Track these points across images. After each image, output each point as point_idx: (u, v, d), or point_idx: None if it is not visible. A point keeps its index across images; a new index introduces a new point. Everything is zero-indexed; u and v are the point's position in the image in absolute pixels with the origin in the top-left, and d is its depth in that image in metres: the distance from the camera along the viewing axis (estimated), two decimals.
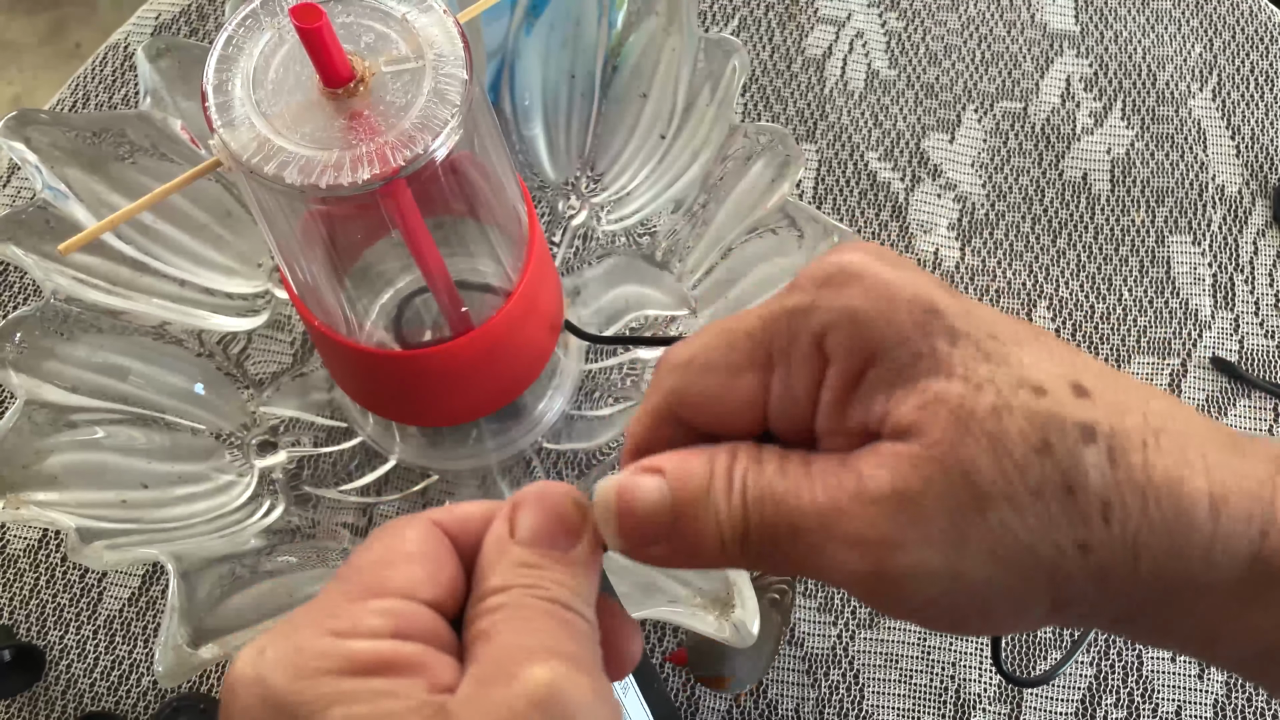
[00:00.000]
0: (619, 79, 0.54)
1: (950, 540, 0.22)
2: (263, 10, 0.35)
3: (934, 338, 0.23)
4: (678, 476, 0.25)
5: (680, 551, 0.25)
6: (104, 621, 0.53)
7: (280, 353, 0.54)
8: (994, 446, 0.22)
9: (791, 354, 0.24)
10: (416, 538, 0.24)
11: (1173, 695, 0.52)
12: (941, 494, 0.22)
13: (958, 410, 0.22)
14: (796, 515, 0.23)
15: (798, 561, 0.24)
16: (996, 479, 0.22)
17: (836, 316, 0.23)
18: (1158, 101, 0.64)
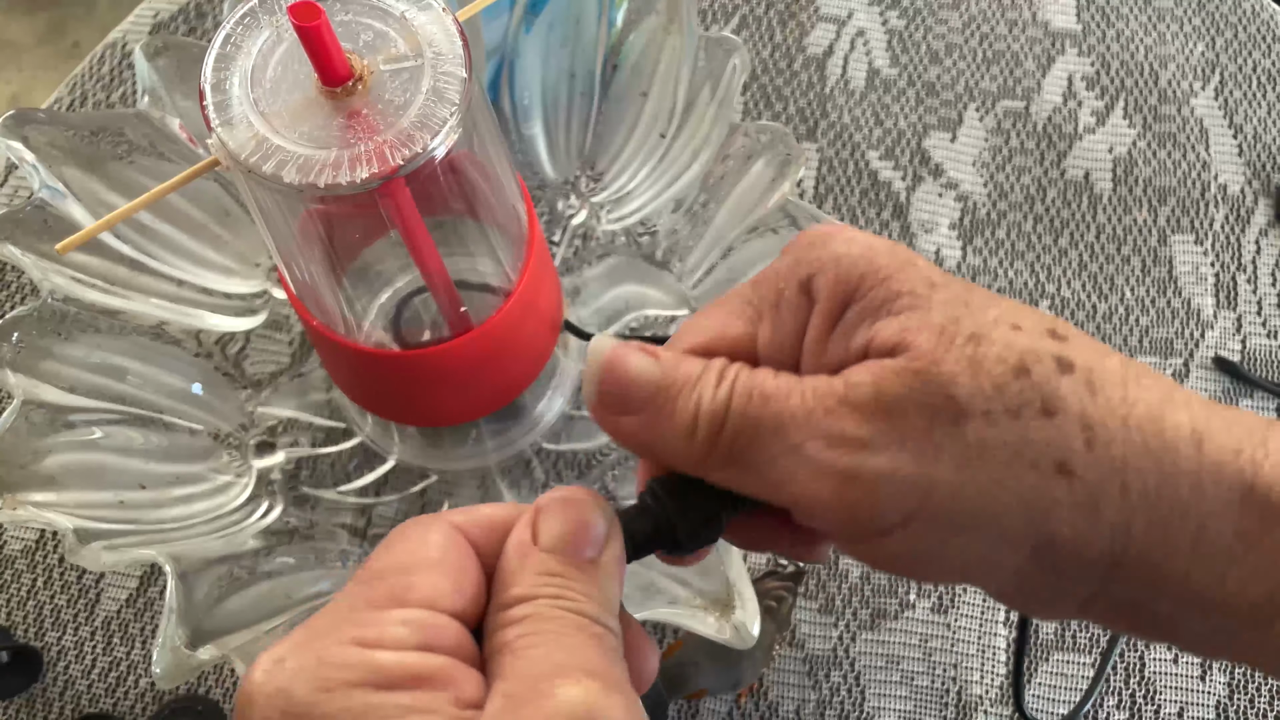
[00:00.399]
0: (619, 78, 0.54)
1: (926, 449, 0.23)
2: (261, 8, 0.35)
3: (914, 282, 0.24)
4: (672, 361, 0.26)
5: (650, 426, 0.25)
6: (102, 622, 0.53)
7: (278, 353, 0.54)
8: (972, 366, 0.23)
9: (780, 304, 0.26)
10: (440, 543, 0.24)
11: (1175, 696, 0.52)
12: (920, 403, 0.23)
13: (938, 335, 0.23)
14: (779, 410, 0.24)
15: (769, 461, 0.24)
16: (974, 394, 0.23)
17: (822, 262, 0.25)
18: (1160, 100, 0.64)
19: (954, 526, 0.23)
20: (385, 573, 0.23)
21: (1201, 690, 0.52)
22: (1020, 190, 0.62)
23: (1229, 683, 0.52)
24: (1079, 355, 0.23)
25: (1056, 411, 0.22)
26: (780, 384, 0.24)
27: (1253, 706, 0.51)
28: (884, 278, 0.24)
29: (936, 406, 0.23)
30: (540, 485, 0.50)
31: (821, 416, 0.23)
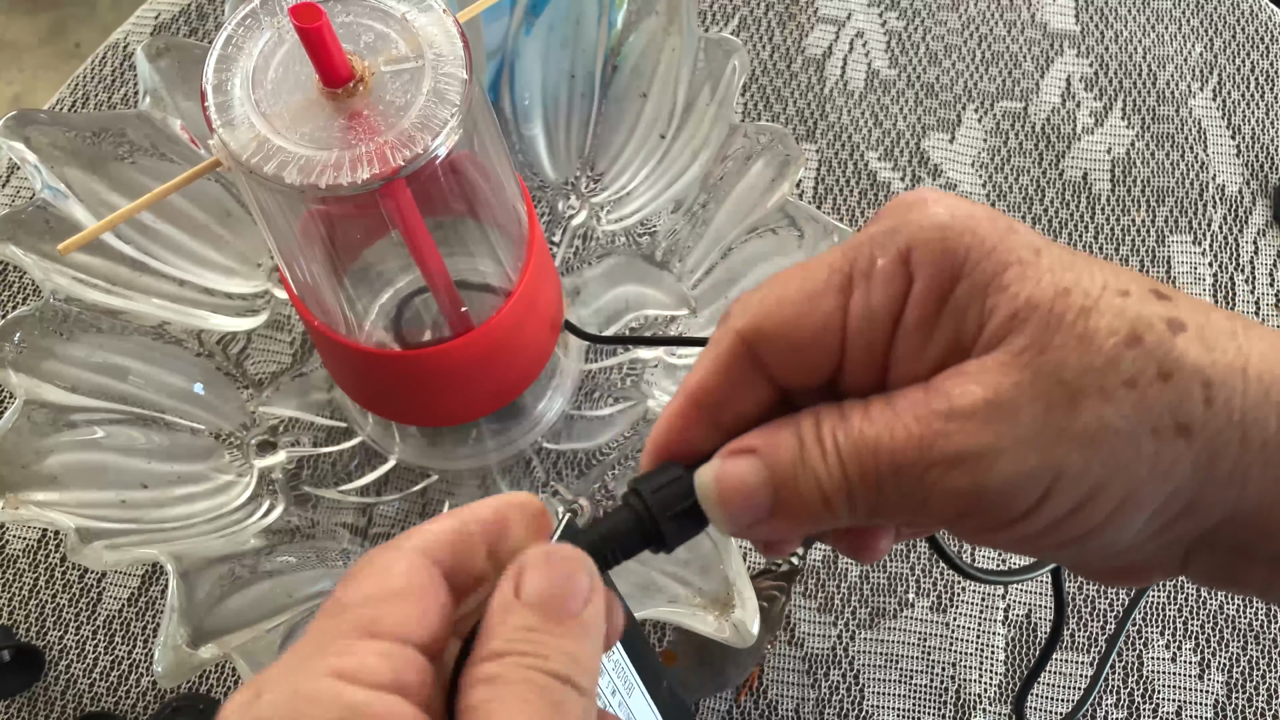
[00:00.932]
0: (619, 79, 0.54)
1: (1047, 437, 0.22)
2: (262, 10, 0.35)
3: (1019, 250, 0.23)
4: (769, 451, 0.25)
5: (789, 523, 0.25)
6: (103, 622, 0.53)
7: (280, 352, 0.54)
8: (1082, 344, 0.22)
9: (874, 274, 0.24)
10: (404, 571, 0.24)
11: (1173, 695, 0.52)
12: (1033, 396, 0.22)
13: (1047, 315, 0.22)
14: (892, 454, 0.23)
15: (902, 500, 0.24)
16: (1086, 373, 0.22)
17: (924, 231, 0.24)
18: (1158, 101, 0.64)
19: (1080, 500, 0.23)
20: (353, 605, 0.23)
21: (1200, 689, 0.52)
22: (1019, 191, 0.62)
23: (1227, 681, 0.52)
24: (1187, 314, 0.23)
25: (1173, 373, 0.22)
26: (879, 427, 0.23)
27: (1250, 705, 0.52)
28: (990, 248, 0.23)
29: (1052, 396, 0.22)
30: (540, 484, 0.51)
31: (932, 442, 0.23)
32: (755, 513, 0.25)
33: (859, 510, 0.24)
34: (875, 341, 0.24)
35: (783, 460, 0.24)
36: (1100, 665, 0.52)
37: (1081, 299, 0.22)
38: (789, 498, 0.24)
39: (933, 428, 0.23)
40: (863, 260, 0.24)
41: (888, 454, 0.23)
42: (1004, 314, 0.23)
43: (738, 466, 0.25)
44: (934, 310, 0.24)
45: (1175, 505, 0.23)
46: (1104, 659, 0.52)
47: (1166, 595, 0.54)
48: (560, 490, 0.50)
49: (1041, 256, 0.23)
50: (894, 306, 0.24)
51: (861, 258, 0.24)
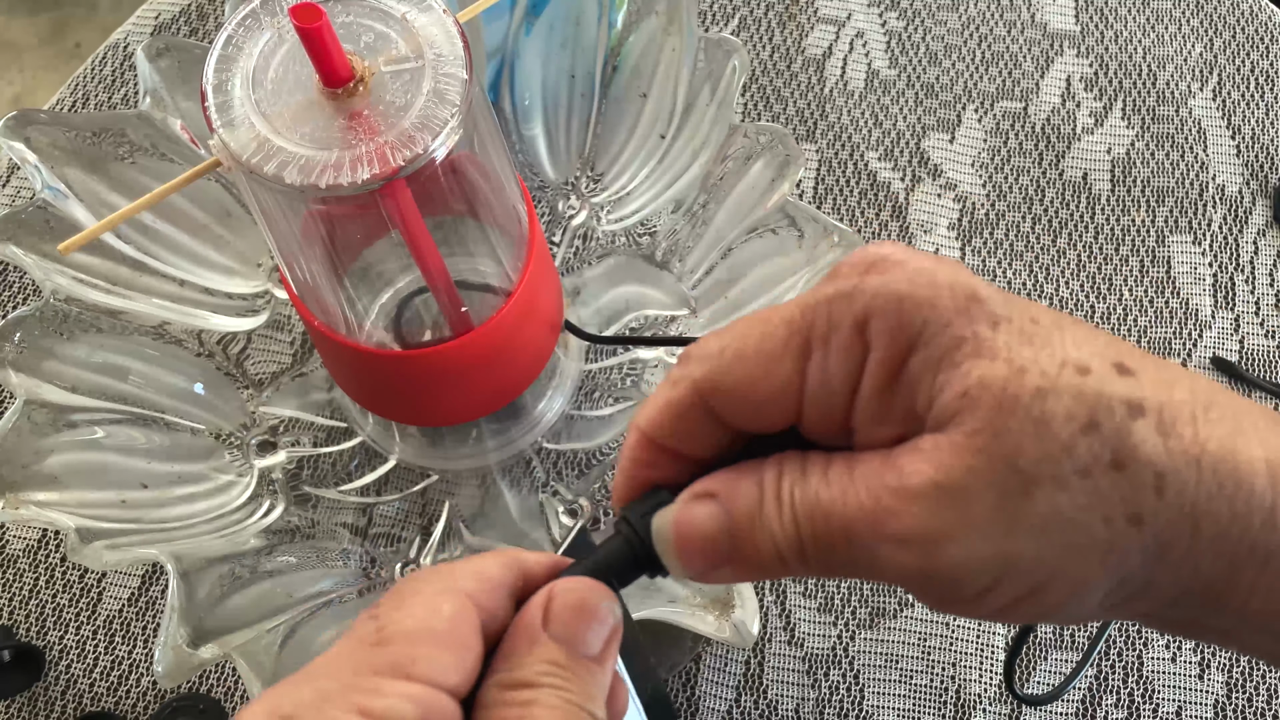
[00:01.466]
0: (619, 79, 0.54)
1: (998, 525, 0.22)
2: (262, 10, 0.35)
3: (976, 322, 0.23)
4: (729, 499, 0.25)
5: (742, 571, 0.25)
6: (104, 621, 0.53)
7: (280, 353, 0.54)
8: (1038, 430, 0.22)
9: (831, 340, 0.24)
10: (449, 614, 0.24)
11: (1173, 695, 0.52)
12: (987, 482, 0.22)
13: (1001, 395, 0.22)
14: (844, 521, 0.23)
15: (853, 564, 0.24)
16: (1042, 461, 0.22)
17: (881, 300, 0.23)
18: (1158, 101, 0.64)
19: (1032, 588, 0.23)
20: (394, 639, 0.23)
21: (1200, 689, 0.52)
22: (1019, 191, 0.62)
23: (1227, 681, 0.52)
24: (1149, 391, 0.22)
25: (1126, 464, 0.22)
26: (835, 492, 0.23)
27: (1250, 705, 0.52)
28: (946, 323, 0.23)
29: (1006, 484, 0.22)
30: (540, 484, 0.51)
31: (883, 519, 0.23)
32: (712, 560, 0.25)
33: (811, 567, 0.24)
34: (834, 407, 0.24)
35: (741, 510, 0.25)
36: (1090, 647, 0.52)
37: (1038, 379, 0.22)
38: (745, 548, 0.25)
39: (883, 503, 0.23)
40: (820, 325, 0.24)
41: (840, 521, 0.23)
42: (955, 392, 0.22)
43: (697, 513, 0.25)
44: (888, 381, 0.23)
45: (1127, 589, 0.23)
46: (1093, 643, 0.52)
47: None
48: (560, 490, 0.50)
49: (999, 331, 0.23)
50: (851, 375, 0.24)
51: (819, 321, 0.24)
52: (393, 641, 0.23)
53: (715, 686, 0.52)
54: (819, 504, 0.24)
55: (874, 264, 0.24)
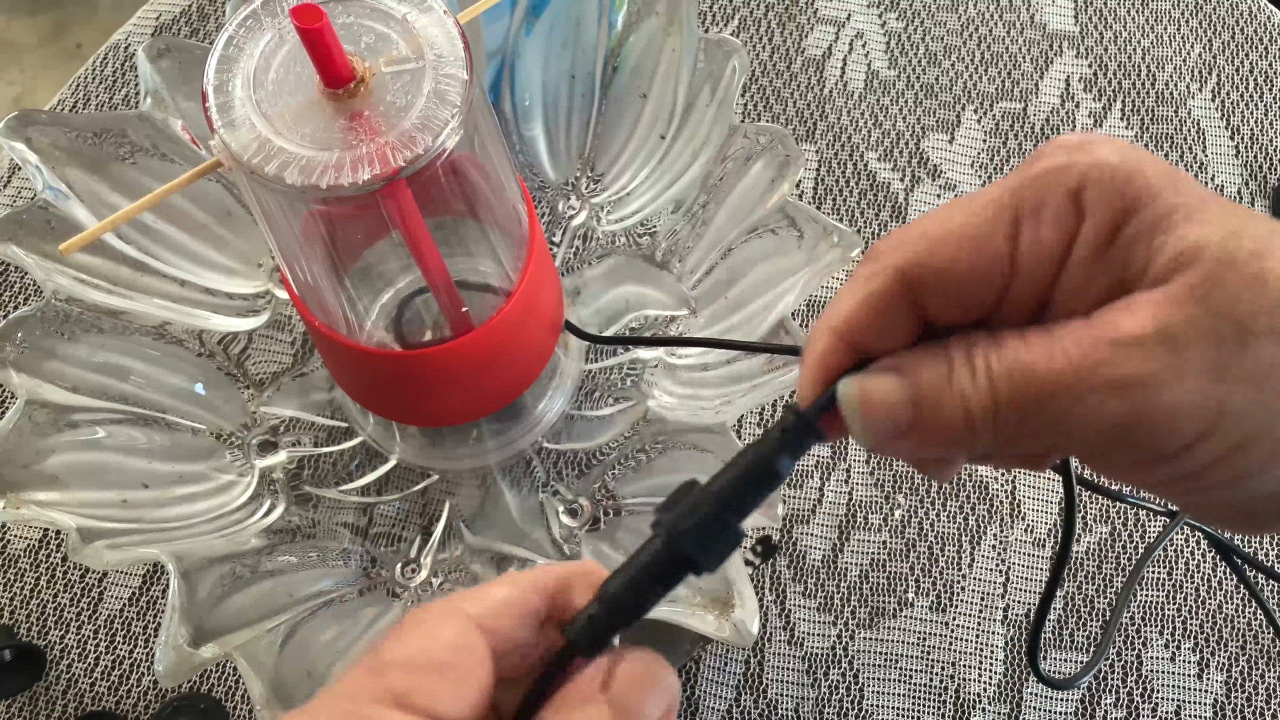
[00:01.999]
0: (619, 79, 0.54)
1: (1214, 373, 0.22)
2: (263, 11, 0.35)
3: (1186, 195, 0.23)
4: (914, 369, 0.25)
5: (929, 440, 0.25)
6: (104, 621, 0.53)
7: (281, 353, 0.54)
8: (1256, 285, 0.22)
9: (1044, 212, 0.24)
10: (450, 643, 0.24)
11: (1172, 695, 0.52)
12: (1203, 331, 0.22)
13: (1219, 253, 0.22)
14: (1050, 375, 0.23)
15: (1052, 425, 0.24)
16: (1260, 313, 0.22)
17: (1096, 171, 0.24)
18: (1157, 102, 0.64)
19: (1239, 442, 0.23)
20: (392, 666, 0.23)
21: (1199, 689, 0.52)
22: None
23: (1226, 681, 0.52)
24: None
25: None
26: (1037, 351, 0.23)
27: (1250, 705, 0.52)
28: (1158, 191, 0.23)
29: (1222, 332, 0.22)
30: (540, 484, 0.51)
31: (1094, 367, 0.23)
32: (894, 426, 0.25)
33: (1002, 433, 0.24)
34: (1041, 279, 0.24)
35: (928, 379, 0.25)
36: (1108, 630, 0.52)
37: (1252, 242, 0.22)
38: (931, 415, 0.25)
39: (1097, 354, 0.23)
40: (1031, 199, 0.24)
41: (1044, 376, 0.23)
42: (1172, 252, 0.23)
43: (881, 381, 0.25)
44: (1103, 248, 0.24)
45: None
46: (1109, 626, 0.52)
47: (1165, 595, 0.54)
48: (560, 490, 0.50)
49: (1208, 203, 0.23)
50: (1064, 243, 0.24)
51: (1029, 196, 0.24)
52: (390, 670, 0.23)
53: (715, 686, 0.52)
54: (1019, 363, 0.24)
55: (1079, 144, 0.24)
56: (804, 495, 0.55)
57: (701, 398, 0.49)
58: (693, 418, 0.49)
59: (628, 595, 0.26)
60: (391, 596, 0.48)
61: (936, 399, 0.25)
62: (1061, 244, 0.24)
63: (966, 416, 0.24)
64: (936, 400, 0.25)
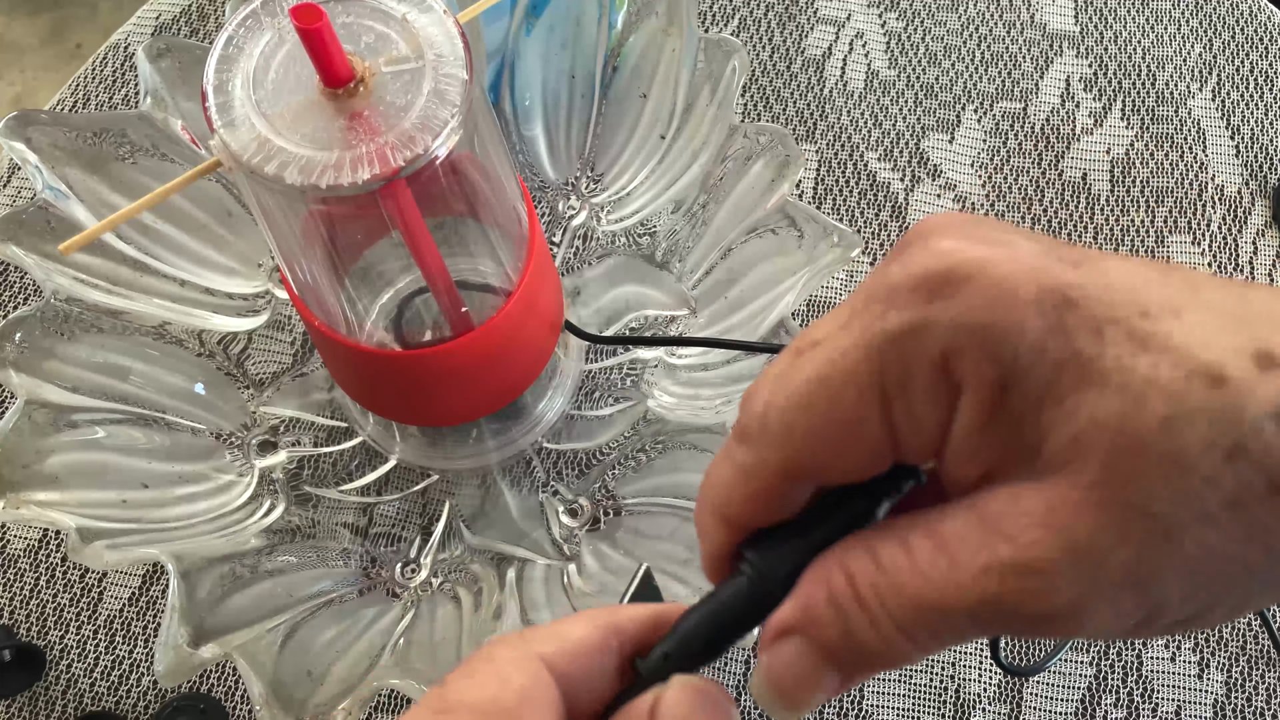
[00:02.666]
0: (619, 79, 0.54)
1: (1141, 578, 0.19)
2: (263, 10, 0.35)
3: (1075, 338, 0.19)
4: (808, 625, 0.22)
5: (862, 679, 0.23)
6: (104, 621, 0.53)
7: (280, 353, 0.54)
8: (1171, 469, 0.18)
9: (910, 386, 0.21)
10: (520, 688, 0.22)
11: (1172, 695, 0.52)
12: (1120, 537, 0.19)
13: (1119, 435, 0.19)
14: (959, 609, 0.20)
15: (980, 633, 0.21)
16: (1181, 502, 0.18)
17: (959, 336, 0.20)
18: (1157, 102, 0.64)
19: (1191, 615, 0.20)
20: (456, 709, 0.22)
21: (1199, 689, 0.52)
22: (1018, 191, 0.62)
23: (1226, 681, 0.52)
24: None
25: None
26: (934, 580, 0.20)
27: (1250, 705, 0.52)
28: (1041, 348, 0.19)
29: (1143, 534, 0.19)
30: (540, 484, 0.51)
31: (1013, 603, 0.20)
32: (824, 691, 0.23)
33: (929, 650, 0.22)
34: (927, 450, 0.22)
35: (827, 635, 0.22)
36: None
37: (1162, 406, 0.18)
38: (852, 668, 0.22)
39: (1007, 585, 0.20)
40: (893, 370, 0.21)
41: (953, 609, 0.20)
42: (1065, 436, 0.19)
43: (784, 655, 0.22)
44: (984, 421, 0.20)
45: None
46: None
47: None
48: (560, 490, 0.50)
49: (1105, 342, 0.19)
50: (941, 417, 0.21)
51: (890, 366, 0.21)
52: (455, 712, 0.22)
53: None
54: (920, 599, 0.21)
55: (935, 284, 0.20)
56: None
57: (701, 398, 0.49)
58: (693, 418, 0.49)
59: (705, 633, 0.24)
60: (391, 596, 0.48)
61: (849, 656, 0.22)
62: (940, 420, 0.21)
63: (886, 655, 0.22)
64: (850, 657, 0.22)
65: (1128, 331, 0.19)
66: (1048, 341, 0.19)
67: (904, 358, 0.21)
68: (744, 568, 0.24)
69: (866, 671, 0.22)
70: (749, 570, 0.24)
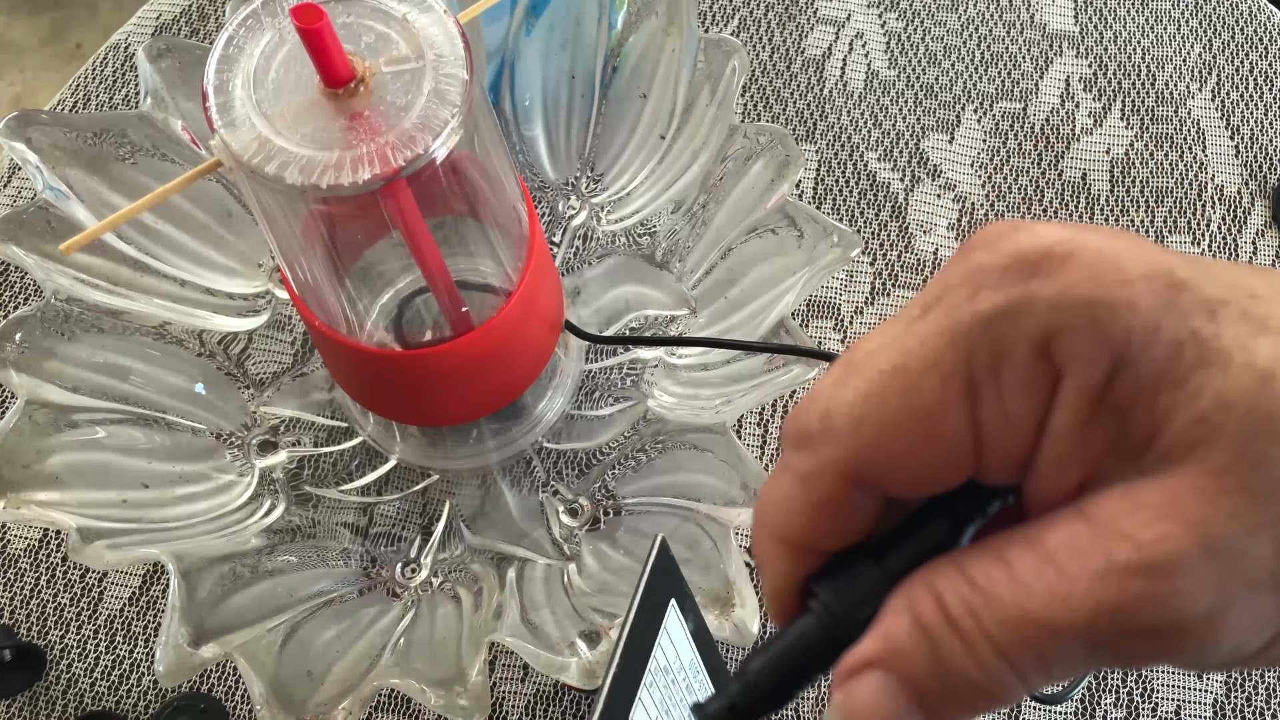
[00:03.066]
0: (619, 79, 0.54)
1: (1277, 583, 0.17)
2: (263, 10, 0.35)
3: (1191, 317, 0.18)
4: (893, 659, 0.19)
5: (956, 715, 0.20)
6: (104, 621, 0.53)
7: (281, 353, 0.54)
8: None
9: (1004, 372, 0.19)
10: None
11: (1172, 695, 0.52)
12: (1255, 526, 0.17)
13: (1250, 415, 0.17)
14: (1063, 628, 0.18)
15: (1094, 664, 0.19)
16: None
17: (1063, 314, 0.18)
18: (1157, 102, 0.64)
19: None
20: None
21: (1199, 689, 0.52)
22: (1018, 191, 0.62)
23: (1226, 681, 0.52)
24: None
25: None
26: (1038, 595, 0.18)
27: (1250, 705, 0.52)
28: (1154, 326, 0.17)
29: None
30: (541, 484, 0.51)
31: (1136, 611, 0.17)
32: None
33: (1031, 682, 0.19)
34: (1016, 451, 0.19)
35: (915, 667, 0.19)
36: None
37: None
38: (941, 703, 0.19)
39: (1129, 591, 0.17)
40: (983, 355, 0.19)
41: (1064, 626, 0.18)
42: (1187, 418, 0.17)
43: (862, 694, 0.19)
44: (1089, 411, 0.18)
45: None
46: None
47: None
48: (560, 490, 0.50)
49: (1221, 322, 0.17)
50: (1038, 413, 0.19)
51: (980, 351, 0.19)
52: None
53: None
54: (1024, 617, 0.18)
55: (1033, 261, 0.18)
56: None
57: (701, 398, 0.49)
58: (693, 418, 0.49)
59: (773, 681, 0.22)
60: (391, 596, 0.48)
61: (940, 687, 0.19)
62: (1034, 414, 0.19)
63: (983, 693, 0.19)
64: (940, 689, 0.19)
65: (1241, 312, 0.18)
66: (1162, 319, 0.18)
67: (998, 340, 0.18)
68: (812, 604, 0.22)
69: (958, 710, 0.19)
70: (818, 607, 0.21)
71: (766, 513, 0.21)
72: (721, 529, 0.43)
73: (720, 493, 0.45)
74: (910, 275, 0.60)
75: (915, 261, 0.60)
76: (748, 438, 0.56)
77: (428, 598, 0.47)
